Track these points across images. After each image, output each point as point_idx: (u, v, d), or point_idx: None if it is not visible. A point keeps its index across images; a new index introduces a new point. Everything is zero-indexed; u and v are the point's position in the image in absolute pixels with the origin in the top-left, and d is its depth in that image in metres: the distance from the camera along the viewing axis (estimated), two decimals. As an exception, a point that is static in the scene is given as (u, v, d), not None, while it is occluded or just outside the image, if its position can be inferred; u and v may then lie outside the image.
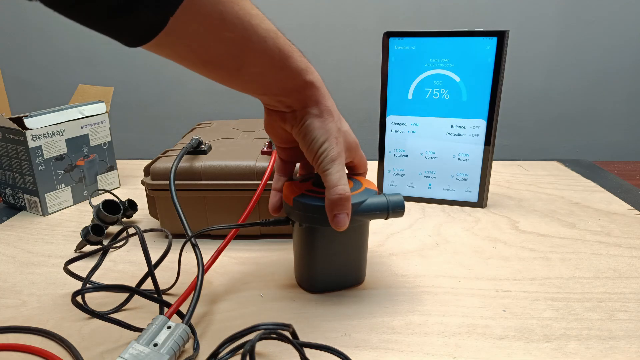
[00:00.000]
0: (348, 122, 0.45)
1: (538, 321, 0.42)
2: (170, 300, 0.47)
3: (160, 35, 0.33)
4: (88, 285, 0.42)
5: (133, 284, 0.48)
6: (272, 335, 0.33)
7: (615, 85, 1.17)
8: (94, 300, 0.46)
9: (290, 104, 0.41)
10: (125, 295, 0.46)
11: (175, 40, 0.34)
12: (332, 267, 0.46)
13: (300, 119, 0.41)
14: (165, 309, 0.42)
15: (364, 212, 0.43)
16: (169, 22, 0.32)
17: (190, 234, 0.47)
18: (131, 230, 0.57)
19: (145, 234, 0.46)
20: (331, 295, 0.47)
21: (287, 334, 0.35)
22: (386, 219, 0.44)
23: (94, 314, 0.40)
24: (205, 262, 0.45)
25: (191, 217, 0.57)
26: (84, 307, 0.40)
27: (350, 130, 0.44)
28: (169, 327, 0.37)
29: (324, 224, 0.41)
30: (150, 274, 0.43)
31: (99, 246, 0.57)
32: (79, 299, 0.45)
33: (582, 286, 0.48)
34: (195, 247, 0.46)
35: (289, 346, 0.39)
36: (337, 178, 0.40)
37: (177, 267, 0.47)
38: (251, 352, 0.30)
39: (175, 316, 0.41)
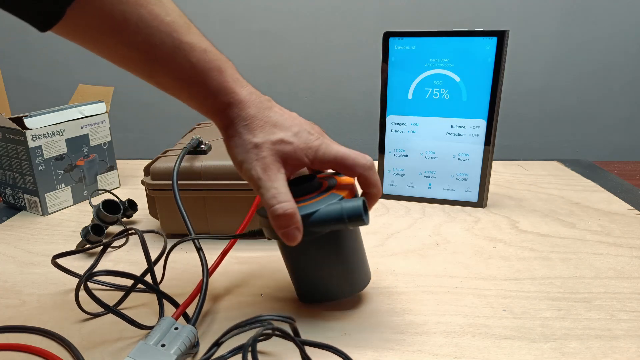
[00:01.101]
0: (348, 122, 0.45)
1: (538, 321, 0.42)
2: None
3: (60, 25, 0.33)
4: (99, 269, 0.41)
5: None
6: (276, 333, 0.33)
7: (616, 85, 1.17)
8: (91, 301, 0.46)
9: (213, 122, 0.40)
10: (121, 294, 0.46)
11: (76, 32, 0.34)
12: (316, 280, 0.43)
13: (224, 140, 0.40)
14: (166, 306, 0.42)
15: (317, 224, 0.38)
16: (67, 13, 0.32)
17: (192, 234, 0.47)
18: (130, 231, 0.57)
19: (144, 235, 0.46)
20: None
21: (289, 330, 0.35)
22: (348, 229, 0.39)
23: (101, 303, 0.40)
24: (209, 265, 0.45)
25: (191, 217, 0.56)
26: (93, 296, 0.39)
27: (295, 137, 0.39)
28: (176, 329, 0.37)
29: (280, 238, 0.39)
30: (150, 270, 0.43)
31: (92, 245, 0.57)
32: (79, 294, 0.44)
33: (582, 286, 0.48)
34: (199, 250, 0.46)
35: (290, 345, 0.39)
36: (270, 197, 0.37)
37: (163, 266, 0.48)
38: (253, 346, 0.30)
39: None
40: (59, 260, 0.50)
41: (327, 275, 0.43)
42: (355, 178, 0.41)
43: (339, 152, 0.40)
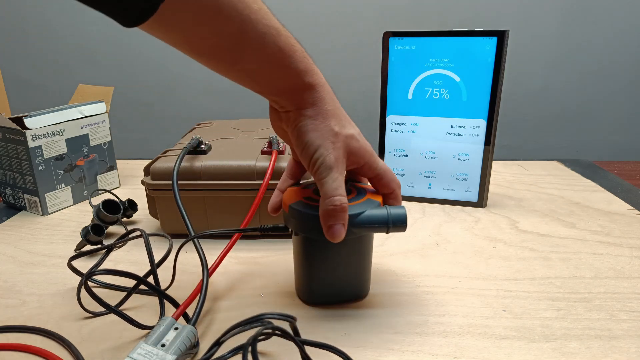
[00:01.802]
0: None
1: (538, 321, 0.43)
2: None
3: (152, 20, 0.32)
4: (100, 268, 0.41)
5: (134, 283, 0.48)
6: (276, 332, 0.33)
7: (616, 85, 1.17)
8: (92, 301, 0.46)
9: (284, 104, 0.40)
10: (123, 294, 0.46)
11: (167, 26, 0.34)
12: (330, 280, 0.44)
13: (294, 121, 0.40)
14: (166, 306, 0.42)
15: (362, 225, 0.40)
16: (160, 7, 0.32)
17: (192, 234, 0.47)
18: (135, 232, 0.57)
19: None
20: (331, 295, 0.47)
21: (289, 329, 0.35)
22: (387, 233, 0.41)
23: (102, 303, 0.39)
24: (209, 265, 0.45)
25: (191, 217, 0.56)
26: (95, 295, 0.39)
27: (360, 136, 0.41)
28: (176, 329, 0.37)
29: (318, 235, 0.39)
30: (153, 272, 0.43)
31: (100, 245, 0.57)
32: (80, 292, 0.44)
33: (582, 286, 0.48)
34: (199, 250, 0.46)
35: (290, 345, 0.39)
36: (334, 187, 0.38)
37: (173, 269, 0.47)
38: (253, 346, 0.30)
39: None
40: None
41: (343, 276, 0.44)
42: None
43: (384, 165, 0.43)
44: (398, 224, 0.40)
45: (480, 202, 0.67)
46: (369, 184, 0.46)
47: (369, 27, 1.14)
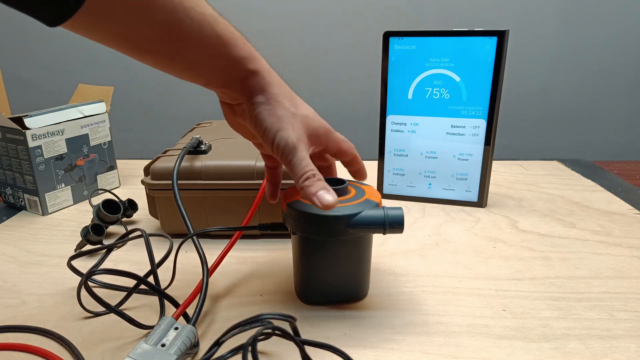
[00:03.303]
0: (348, 122, 0.45)
1: (538, 321, 0.43)
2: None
3: (79, 15, 0.31)
4: (100, 268, 0.41)
5: (134, 283, 0.48)
6: (276, 332, 0.33)
7: (616, 84, 1.17)
8: (92, 300, 0.46)
9: (234, 96, 0.39)
10: (123, 294, 0.46)
11: (97, 21, 0.32)
12: (328, 280, 0.44)
13: (249, 111, 0.39)
14: (166, 306, 0.42)
15: (358, 226, 0.40)
16: (86, 1, 0.30)
17: (191, 233, 0.47)
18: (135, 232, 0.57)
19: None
20: (331, 295, 0.47)
21: (289, 329, 0.35)
22: (383, 234, 0.41)
23: (102, 302, 0.39)
24: (209, 265, 0.45)
25: (191, 216, 0.56)
26: (94, 294, 0.39)
27: (316, 115, 0.41)
28: (176, 329, 0.37)
29: (316, 235, 0.39)
30: (153, 272, 0.43)
31: (100, 245, 0.57)
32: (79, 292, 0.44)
33: (582, 286, 0.48)
34: (199, 249, 0.46)
35: (290, 345, 0.39)
36: (303, 166, 0.37)
37: (173, 268, 0.47)
38: (253, 346, 0.30)
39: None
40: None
41: (342, 275, 0.44)
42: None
43: (340, 136, 0.44)
44: (395, 225, 0.40)
45: (480, 202, 0.67)
46: (352, 178, 0.47)
47: (369, 27, 1.14)
